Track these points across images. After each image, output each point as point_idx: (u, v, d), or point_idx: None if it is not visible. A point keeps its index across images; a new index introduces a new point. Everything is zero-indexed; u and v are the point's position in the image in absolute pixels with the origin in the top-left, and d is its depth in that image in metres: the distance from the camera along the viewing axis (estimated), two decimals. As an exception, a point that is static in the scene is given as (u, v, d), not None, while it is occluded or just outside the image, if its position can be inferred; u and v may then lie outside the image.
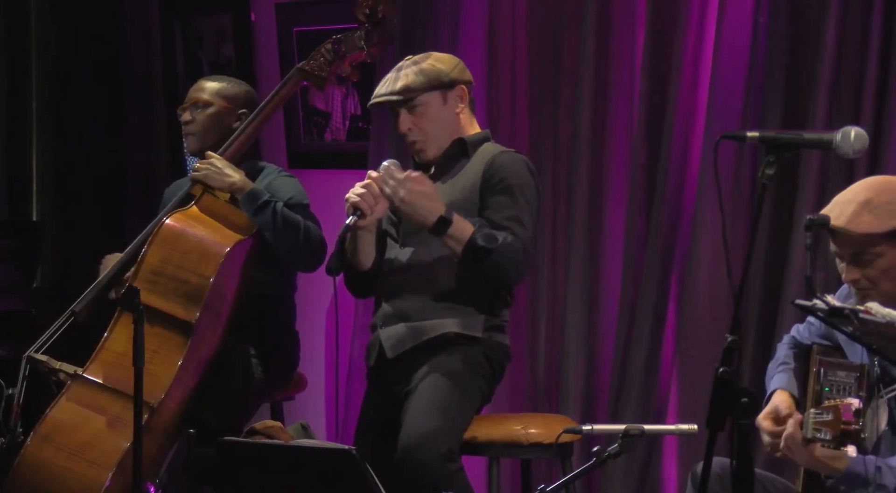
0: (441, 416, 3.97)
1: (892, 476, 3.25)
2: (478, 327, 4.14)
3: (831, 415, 3.18)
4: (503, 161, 4.16)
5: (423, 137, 4.17)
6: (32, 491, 4.23)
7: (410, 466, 3.90)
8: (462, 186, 4.15)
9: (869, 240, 3.36)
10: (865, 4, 4.28)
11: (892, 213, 3.34)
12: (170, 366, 4.31)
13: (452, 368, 4.07)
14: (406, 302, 4.16)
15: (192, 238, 4.41)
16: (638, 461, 4.68)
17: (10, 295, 5.80)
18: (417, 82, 4.14)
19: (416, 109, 4.15)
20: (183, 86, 6.00)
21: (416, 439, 3.93)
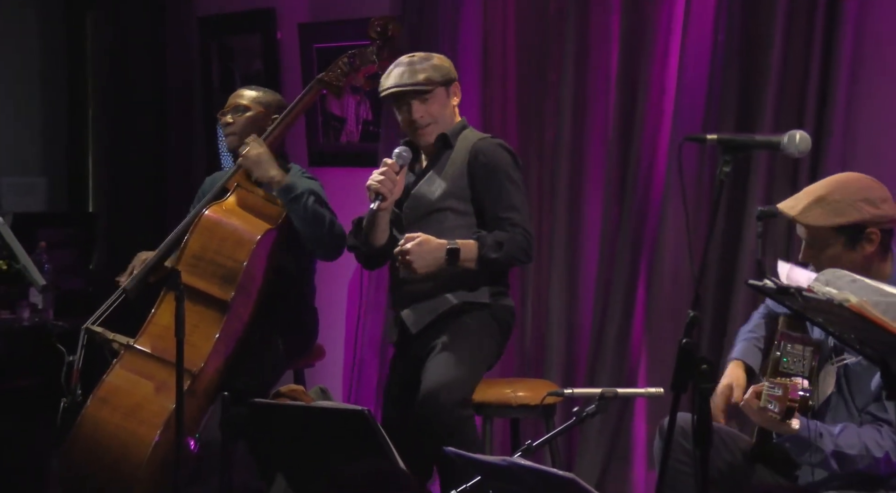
0: (457, 369, 4.01)
1: (830, 442, 3.27)
2: (484, 295, 4.17)
3: (780, 391, 3.19)
4: (484, 150, 4.19)
5: (432, 122, 4.20)
6: (92, 446, 4.25)
7: (429, 410, 3.93)
8: (451, 176, 4.18)
9: (816, 232, 3.36)
10: (807, 25, 4.28)
11: (839, 211, 3.33)
12: (208, 338, 4.32)
13: (466, 330, 4.11)
14: (418, 285, 4.16)
15: (228, 227, 4.42)
16: (612, 419, 4.69)
17: (69, 276, 5.81)
18: (435, 77, 4.18)
19: (428, 99, 4.17)
20: (218, 96, 6.01)
21: (435, 386, 3.95)
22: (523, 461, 3.12)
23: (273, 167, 4.47)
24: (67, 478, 4.29)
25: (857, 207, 3.33)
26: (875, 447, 3.26)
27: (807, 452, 3.26)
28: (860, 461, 3.27)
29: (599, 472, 4.67)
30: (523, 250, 4.09)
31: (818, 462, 3.26)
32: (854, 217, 3.32)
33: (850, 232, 3.32)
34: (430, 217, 4.18)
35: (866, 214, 3.32)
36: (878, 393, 3.34)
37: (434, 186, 4.18)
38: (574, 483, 3.00)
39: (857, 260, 3.32)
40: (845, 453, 3.26)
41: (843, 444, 3.26)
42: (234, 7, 5.94)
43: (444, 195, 4.14)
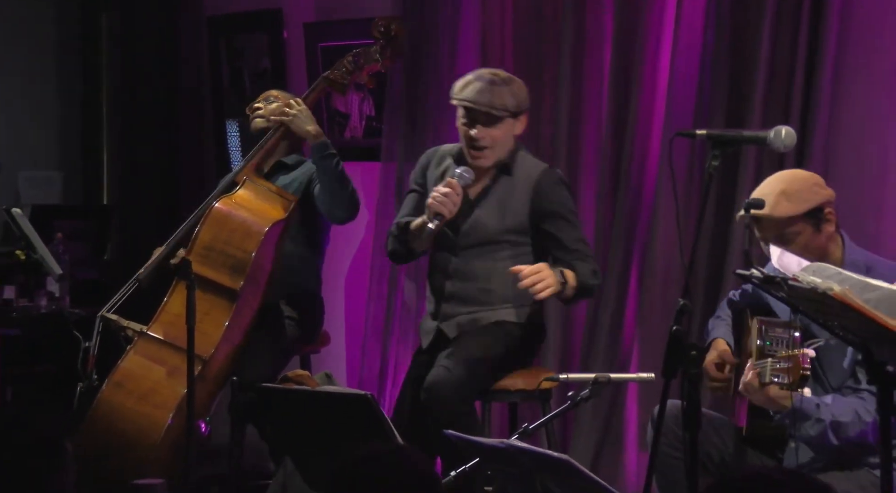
0: (465, 369, 3.97)
1: (827, 412, 3.31)
2: (524, 317, 4.14)
3: (791, 363, 3.21)
4: (547, 192, 4.09)
5: (492, 147, 4.06)
6: (107, 428, 4.26)
7: (431, 401, 3.92)
8: (513, 210, 4.09)
9: (789, 222, 3.41)
10: (793, 26, 4.29)
11: (804, 198, 3.41)
12: (218, 326, 4.33)
13: (490, 338, 4.08)
14: (462, 307, 4.13)
15: (237, 219, 4.42)
16: (605, 403, 4.69)
17: (85, 266, 5.82)
18: (511, 105, 4.03)
19: (496, 125, 4.04)
20: (227, 93, 6.01)
21: (438, 380, 3.94)
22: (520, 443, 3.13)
23: (312, 123, 4.51)
24: (84, 459, 4.29)
25: (814, 191, 3.44)
26: (864, 412, 3.31)
27: (807, 423, 3.29)
28: (852, 428, 3.31)
29: (593, 454, 4.68)
30: (598, 278, 4.12)
31: (818, 434, 3.29)
32: (815, 201, 3.41)
33: (815, 215, 3.42)
34: (486, 247, 4.11)
35: (821, 196, 3.43)
36: (851, 370, 3.39)
37: (494, 218, 4.10)
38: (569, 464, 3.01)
39: (822, 242, 3.43)
40: (840, 421, 3.30)
41: (838, 412, 3.31)
42: (242, 7, 5.94)
43: (504, 230, 4.09)
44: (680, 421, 3.18)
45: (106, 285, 5.21)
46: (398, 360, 5.17)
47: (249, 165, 4.59)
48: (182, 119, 6.22)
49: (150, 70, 6.27)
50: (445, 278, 4.16)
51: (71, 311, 5.19)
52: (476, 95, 4.03)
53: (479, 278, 4.12)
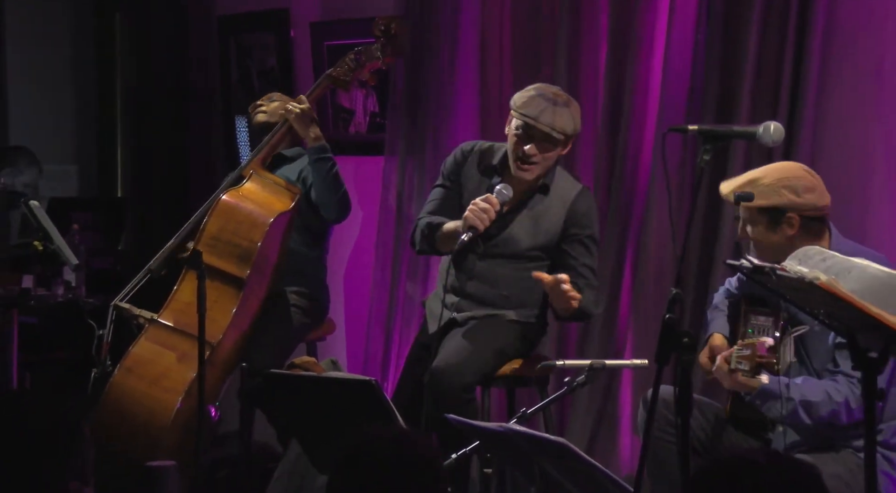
0: (467, 356, 3.97)
1: (797, 392, 3.32)
2: (531, 317, 4.15)
3: (749, 351, 3.24)
4: (585, 209, 4.08)
5: (541, 165, 4.02)
6: (120, 412, 4.26)
7: (434, 389, 3.91)
8: (546, 230, 4.07)
9: (747, 211, 3.41)
10: (780, 26, 4.28)
11: (764, 195, 3.40)
12: (226, 313, 4.33)
13: (495, 330, 4.07)
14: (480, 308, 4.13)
15: (244, 210, 4.42)
16: (600, 389, 4.69)
17: (99, 256, 5.82)
18: (569, 130, 4.00)
19: (551, 147, 4.00)
20: (235, 90, 6.00)
21: (442, 367, 3.93)
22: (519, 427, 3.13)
23: (314, 126, 4.52)
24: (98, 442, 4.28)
25: (778, 193, 3.38)
26: (835, 392, 3.32)
27: (777, 404, 3.30)
28: (823, 407, 3.32)
29: (589, 437, 4.68)
30: (597, 306, 4.15)
31: (789, 413, 3.29)
32: (774, 201, 3.37)
33: (771, 214, 3.39)
34: (513, 260, 4.10)
35: (785, 199, 3.38)
36: (831, 354, 3.39)
37: (528, 234, 4.08)
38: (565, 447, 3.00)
39: (779, 241, 3.39)
40: (810, 400, 3.31)
41: (808, 392, 3.32)
42: (250, 7, 5.93)
43: (535, 247, 4.08)
44: (672, 406, 3.18)
45: (120, 275, 5.21)
46: (401, 346, 5.17)
47: (256, 160, 4.59)
48: (192, 115, 6.21)
49: (162, 68, 6.26)
50: (468, 278, 4.15)
51: (86, 300, 5.17)
52: (539, 114, 3.97)
53: (501, 284, 4.12)
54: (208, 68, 6.15)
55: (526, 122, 3.98)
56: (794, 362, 3.38)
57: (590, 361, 3.48)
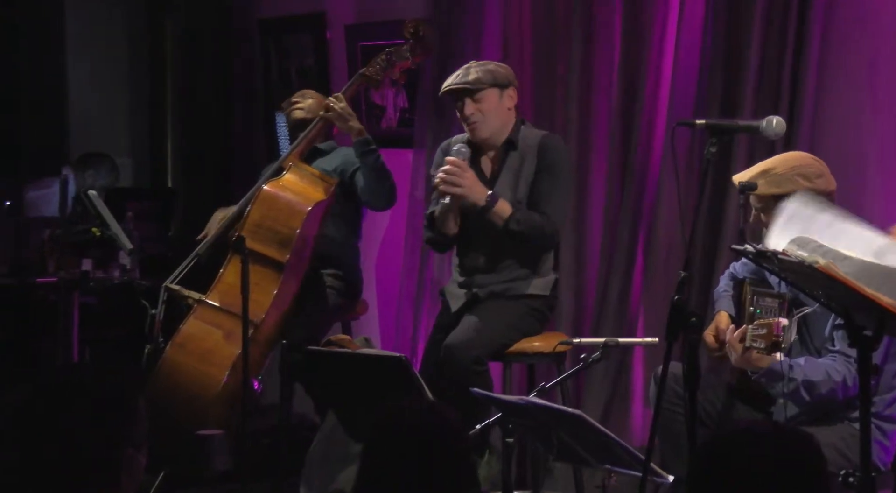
0: (478, 331, 3.97)
1: (800, 371, 3.31)
2: (547, 289, 4.13)
3: (765, 330, 3.22)
4: (553, 145, 4.09)
5: (482, 119, 4.06)
6: (171, 385, 4.28)
7: (447, 363, 3.92)
8: (525, 180, 4.07)
9: (760, 198, 3.40)
10: (781, 26, 4.26)
11: (778, 183, 3.38)
12: (268, 294, 4.34)
13: (506, 307, 4.06)
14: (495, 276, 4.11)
15: (284, 200, 4.42)
16: (614, 364, 4.68)
17: (152, 242, 5.84)
18: (485, 79, 4.05)
19: (478, 98, 4.04)
20: (275, 87, 6.01)
21: (454, 343, 3.94)
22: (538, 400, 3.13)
23: (354, 121, 4.49)
24: (151, 413, 4.31)
25: (793, 180, 3.37)
26: (834, 372, 3.30)
27: (781, 383, 3.29)
28: (823, 386, 3.30)
29: (603, 409, 4.67)
30: (544, 237, 4.03)
31: (791, 391, 3.28)
32: (788, 188, 3.34)
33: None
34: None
35: (800, 186, 3.35)
36: (830, 334, 3.38)
37: (509, 190, 4.06)
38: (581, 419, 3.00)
39: None
40: (812, 380, 3.30)
41: (809, 372, 3.30)
42: (289, 10, 5.93)
43: (519, 199, 4.06)
44: (680, 380, 3.18)
45: (170, 259, 5.23)
46: (428, 325, 5.16)
47: (295, 152, 4.59)
48: (236, 111, 6.22)
49: (209, 68, 6.27)
50: (478, 253, 4.14)
51: (140, 282, 5.20)
52: (454, 79, 4.07)
53: (505, 249, 4.09)
54: (250, 68, 6.16)
55: (446, 90, 4.08)
56: (795, 341, 3.38)
57: (604, 339, 3.47)
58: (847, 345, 3.16)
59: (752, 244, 2.93)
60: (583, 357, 3.39)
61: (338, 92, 4.62)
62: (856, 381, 3.10)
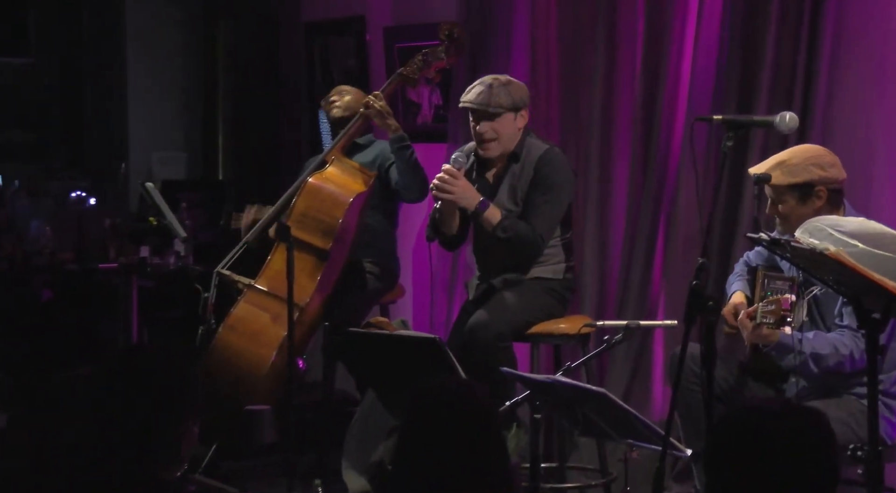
0: (499, 311, 3.97)
1: (808, 345, 3.30)
2: (560, 273, 4.12)
3: (774, 306, 3.21)
4: (551, 159, 4.04)
5: (496, 139, 4.04)
6: (223, 363, 4.30)
7: (471, 342, 3.92)
8: (522, 191, 4.05)
9: (777, 189, 3.38)
10: (795, 25, 4.23)
11: (794, 173, 3.36)
12: (312, 279, 4.35)
13: (525, 290, 4.06)
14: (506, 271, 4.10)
15: (327, 191, 4.43)
16: (635, 345, 4.67)
17: (204, 230, 5.86)
18: (506, 103, 4.00)
19: (496, 121, 4.01)
20: (319, 86, 6.02)
21: (477, 323, 3.95)
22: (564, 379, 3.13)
23: (391, 119, 4.48)
24: (204, 387, 4.34)
25: (808, 169, 3.35)
26: (841, 346, 3.29)
27: (790, 355, 3.27)
28: (831, 359, 3.29)
29: (625, 387, 4.66)
30: (528, 247, 4.01)
31: (800, 363, 3.27)
32: (804, 177, 3.33)
33: (802, 190, 3.35)
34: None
35: (815, 175, 3.34)
36: (839, 312, 3.36)
37: (508, 200, 4.06)
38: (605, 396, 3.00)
39: (808, 213, 3.32)
40: (820, 353, 3.28)
41: (817, 346, 3.29)
42: (332, 14, 5.94)
43: (517, 211, 4.05)
44: (698, 360, 3.17)
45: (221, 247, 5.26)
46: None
47: (337, 147, 4.60)
48: (282, 108, 6.24)
49: (257, 68, 6.29)
50: (487, 251, 4.14)
51: (193, 267, 5.22)
52: (475, 97, 4.02)
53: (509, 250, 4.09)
54: (296, 68, 6.17)
55: (467, 106, 4.03)
56: (806, 321, 3.36)
57: (626, 321, 3.47)
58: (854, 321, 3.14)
59: (767, 233, 2.92)
60: (606, 339, 3.38)
61: (377, 90, 4.62)
62: (862, 354, 3.09)
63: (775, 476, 1.78)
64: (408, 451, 2.12)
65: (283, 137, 6.26)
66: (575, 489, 4.17)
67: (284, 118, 6.26)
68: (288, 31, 6.19)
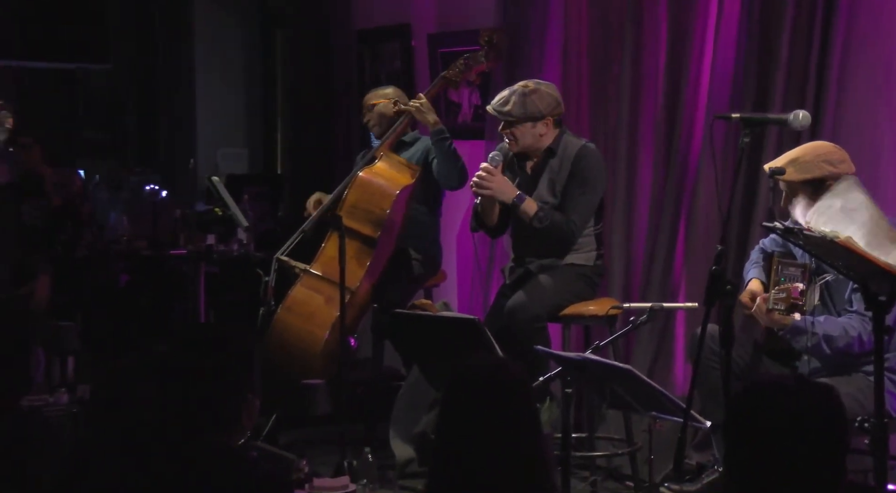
0: (535, 294, 3.97)
1: (820, 328, 3.28)
2: (591, 260, 4.11)
3: (785, 294, 3.19)
4: (587, 155, 4.04)
5: (515, 141, 4.06)
6: (281, 341, 4.33)
7: (510, 322, 3.92)
8: (561, 185, 4.04)
9: (789, 184, 3.35)
10: (808, 30, 4.19)
11: (806, 169, 3.33)
12: (362, 265, 4.36)
13: (559, 275, 4.04)
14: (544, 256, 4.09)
15: (376, 184, 4.44)
16: (659, 326, 4.64)
17: (264, 220, 5.91)
18: (517, 113, 4.00)
19: (514, 127, 4.03)
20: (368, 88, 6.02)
21: (514, 305, 3.94)
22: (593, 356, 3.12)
23: (432, 114, 4.48)
24: (264, 364, 4.37)
25: (819, 166, 3.31)
26: (850, 328, 3.27)
27: (803, 337, 3.24)
28: (841, 340, 3.27)
29: (649, 365, 4.63)
30: (563, 236, 4.01)
31: (813, 345, 3.25)
32: (816, 174, 3.30)
33: (814, 185, 3.31)
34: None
35: (825, 171, 3.30)
36: (849, 298, 3.33)
37: (548, 193, 4.06)
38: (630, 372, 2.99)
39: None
40: (830, 335, 3.26)
41: (829, 328, 3.27)
42: (381, 22, 5.94)
43: (555, 202, 4.05)
44: (717, 339, 3.15)
45: (279, 235, 5.29)
46: (498, 292, 5.17)
47: (385, 144, 4.61)
48: (335, 108, 6.25)
49: (313, 72, 6.30)
50: (523, 239, 4.13)
51: (254, 254, 5.27)
52: (497, 104, 4.04)
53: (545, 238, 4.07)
54: (348, 71, 6.18)
55: (491, 113, 4.08)
56: (818, 305, 3.33)
57: (650, 304, 3.45)
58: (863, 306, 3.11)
59: (781, 222, 2.90)
60: (632, 320, 3.37)
61: (420, 92, 4.62)
62: (870, 336, 3.06)
63: (789, 446, 1.77)
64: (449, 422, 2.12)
65: (336, 134, 6.28)
66: (603, 457, 4.15)
67: (337, 117, 6.27)
68: (341, 38, 6.19)
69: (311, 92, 6.32)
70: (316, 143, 6.33)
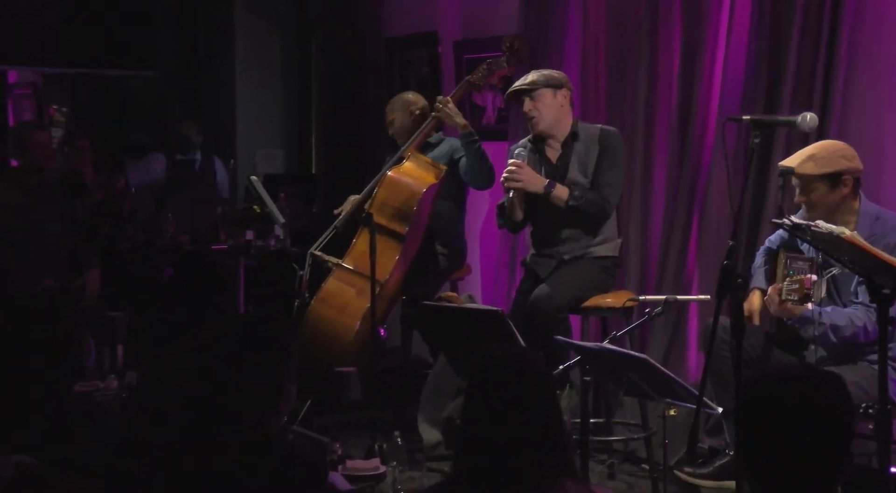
0: (558, 286, 3.97)
1: (827, 318, 3.27)
2: (616, 249, 4.12)
3: (798, 285, 3.18)
4: (610, 136, 4.09)
5: (539, 115, 4.08)
6: (315, 331, 4.34)
7: (533, 312, 3.92)
8: (591, 165, 4.06)
9: (809, 179, 3.33)
10: (815, 35, 4.17)
11: (825, 164, 3.31)
12: (391, 259, 4.37)
13: (580, 268, 4.04)
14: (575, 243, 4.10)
15: (404, 183, 4.44)
16: (673, 317, 4.62)
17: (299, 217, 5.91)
18: (539, 81, 4.08)
19: (535, 96, 4.06)
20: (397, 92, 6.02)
21: (538, 297, 3.94)
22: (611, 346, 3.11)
23: (460, 117, 4.48)
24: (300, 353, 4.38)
25: (837, 161, 3.31)
26: (856, 318, 3.26)
27: (811, 327, 3.23)
28: (847, 330, 3.25)
29: (664, 354, 4.62)
30: (600, 210, 4.02)
31: (821, 334, 3.23)
32: (835, 167, 3.29)
33: (832, 178, 3.30)
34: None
35: (843, 165, 3.30)
36: (855, 291, 3.32)
37: (581, 174, 4.06)
38: (646, 362, 2.98)
39: (836, 200, 3.31)
40: (837, 324, 3.25)
41: (835, 319, 3.26)
42: (409, 30, 5.94)
43: (589, 182, 4.05)
44: (728, 330, 3.14)
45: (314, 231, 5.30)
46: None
47: (413, 145, 4.61)
48: (366, 112, 6.25)
49: (345, 77, 6.31)
50: (555, 228, 4.12)
51: (290, 249, 5.27)
52: (515, 85, 4.10)
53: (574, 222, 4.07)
54: (378, 76, 6.19)
55: (510, 94, 4.12)
56: (825, 298, 3.31)
57: (665, 296, 3.44)
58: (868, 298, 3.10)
59: (789, 218, 2.89)
60: (647, 311, 3.36)
61: (446, 95, 4.61)
62: (874, 326, 3.04)
63: (798, 431, 1.76)
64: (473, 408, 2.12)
65: (366, 136, 6.29)
66: (619, 441, 4.14)
67: (368, 119, 6.28)
68: (371, 45, 6.20)
69: (343, 96, 6.33)
70: (348, 144, 6.34)
